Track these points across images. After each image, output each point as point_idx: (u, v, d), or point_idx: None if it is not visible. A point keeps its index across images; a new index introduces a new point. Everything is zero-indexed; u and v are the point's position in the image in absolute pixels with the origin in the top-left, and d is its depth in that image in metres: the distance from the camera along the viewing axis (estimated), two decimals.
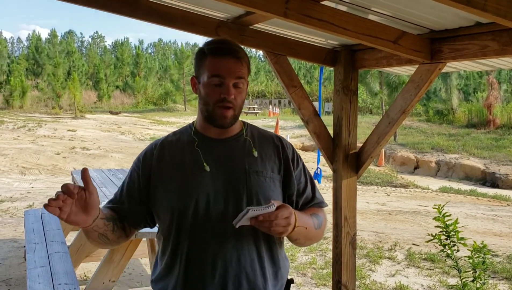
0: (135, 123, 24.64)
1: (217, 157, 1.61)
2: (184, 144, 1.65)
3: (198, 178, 1.57)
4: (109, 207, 1.68)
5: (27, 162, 13.14)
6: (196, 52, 1.64)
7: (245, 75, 1.58)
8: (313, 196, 1.74)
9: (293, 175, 1.68)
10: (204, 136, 1.65)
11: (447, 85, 21.74)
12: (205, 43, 1.62)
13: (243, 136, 1.67)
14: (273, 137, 1.72)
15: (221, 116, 1.56)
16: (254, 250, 1.59)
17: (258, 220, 1.41)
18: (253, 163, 1.62)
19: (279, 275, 1.66)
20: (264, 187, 1.60)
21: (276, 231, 1.45)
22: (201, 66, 1.59)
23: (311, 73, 48.78)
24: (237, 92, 1.56)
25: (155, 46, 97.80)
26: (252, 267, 1.58)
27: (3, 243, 5.92)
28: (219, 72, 1.54)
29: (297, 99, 2.95)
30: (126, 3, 2.52)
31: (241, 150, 1.64)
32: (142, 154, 1.70)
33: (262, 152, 1.65)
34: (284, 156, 1.68)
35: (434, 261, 5.74)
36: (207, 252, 1.54)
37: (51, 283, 3.34)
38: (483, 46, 2.15)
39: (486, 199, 10.86)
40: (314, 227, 1.65)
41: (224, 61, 1.55)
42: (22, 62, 43.04)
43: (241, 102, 1.59)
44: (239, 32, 2.69)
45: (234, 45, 1.59)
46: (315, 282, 4.98)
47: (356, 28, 2.18)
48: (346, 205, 2.94)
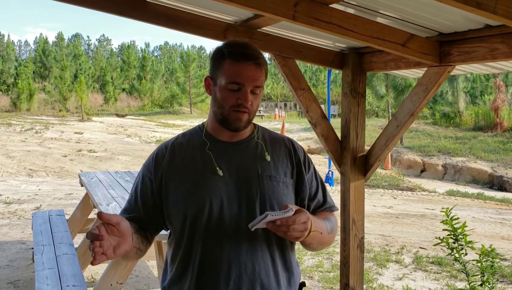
0: (141, 125, 24.71)
1: (229, 161, 1.59)
2: (195, 147, 1.62)
3: (211, 182, 1.55)
4: (128, 218, 1.61)
5: (35, 164, 13.20)
6: (214, 52, 1.59)
7: (263, 83, 1.55)
8: (325, 200, 1.72)
9: (305, 179, 1.66)
10: (215, 139, 1.62)
11: (454, 88, 21.63)
12: (225, 44, 1.58)
13: (255, 139, 1.65)
14: (285, 140, 1.70)
15: (236, 119, 1.54)
16: (268, 255, 1.56)
17: (276, 224, 1.39)
18: (266, 167, 1.60)
19: (292, 281, 1.64)
20: (277, 192, 1.58)
21: (293, 236, 1.44)
22: (219, 68, 1.55)
23: (317, 76, 48.69)
24: (254, 98, 1.54)
25: (161, 49, 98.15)
26: (266, 273, 1.55)
27: (11, 244, 5.95)
28: (239, 79, 1.51)
29: (305, 102, 2.95)
30: (134, 6, 2.54)
31: (253, 154, 1.62)
32: (152, 157, 1.65)
33: (275, 155, 1.63)
34: (296, 160, 1.67)
35: (442, 264, 5.71)
36: (221, 257, 1.52)
37: (59, 285, 3.36)
38: (492, 49, 2.14)
39: (493, 203, 10.78)
40: (327, 231, 1.63)
41: (244, 68, 1.51)
42: (29, 65, 43.25)
43: (256, 108, 1.57)
44: (247, 35, 2.70)
45: (255, 50, 1.55)
46: (322, 285, 4.96)
47: (364, 31, 2.18)
48: (354, 208, 2.93)
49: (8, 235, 6.41)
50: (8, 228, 6.81)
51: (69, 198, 9.21)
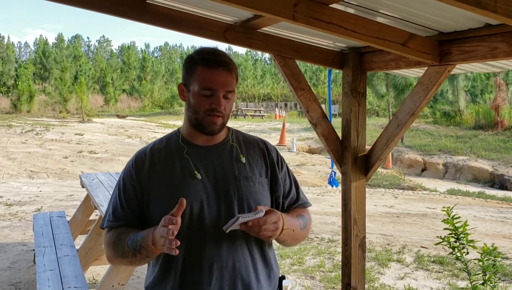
0: (142, 126, 24.72)
1: (206, 164, 1.65)
2: (173, 152, 1.67)
3: (191, 186, 1.61)
4: (117, 226, 1.65)
5: (35, 166, 13.21)
6: (186, 59, 1.67)
7: (234, 87, 1.62)
8: (298, 197, 1.80)
9: (279, 178, 1.73)
10: (191, 144, 1.68)
11: (454, 87, 21.63)
12: (196, 51, 1.65)
13: (230, 142, 1.72)
14: (258, 142, 1.78)
15: (210, 123, 1.60)
16: (248, 253, 1.63)
17: (248, 225, 1.47)
18: (242, 169, 1.67)
19: (272, 276, 1.72)
20: (254, 192, 1.65)
21: (265, 235, 1.52)
22: (191, 75, 1.61)
23: (317, 75, 48.71)
24: (226, 102, 1.61)
25: (161, 49, 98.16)
26: (246, 269, 1.62)
27: (12, 246, 5.96)
28: (211, 85, 1.57)
29: (305, 101, 2.95)
30: (134, 8, 2.53)
31: (229, 156, 1.68)
32: (131, 163, 1.68)
33: (249, 157, 1.71)
34: (270, 160, 1.74)
35: (443, 263, 5.71)
36: (203, 257, 1.57)
37: (61, 287, 3.36)
38: (492, 48, 2.14)
39: (494, 201, 10.77)
40: (300, 228, 1.71)
41: (216, 74, 1.57)
42: (29, 67, 43.27)
43: (229, 111, 1.65)
44: (247, 35, 2.70)
45: (225, 56, 1.62)
46: (324, 286, 4.96)
47: (364, 31, 2.18)
48: (355, 208, 2.93)
49: (9, 237, 6.41)
50: (9, 230, 6.81)
51: (70, 199, 9.22)
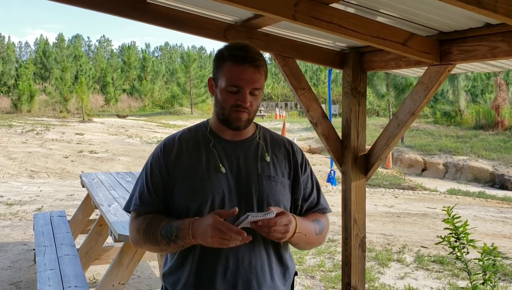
0: (142, 126, 24.73)
1: (231, 159, 1.66)
2: (200, 143, 1.68)
3: (214, 179, 1.62)
4: (145, 212, 1.67)
5: (36, 165, 13.22)
6: (216, 54, 1.65)
7: (262, 85, 1.61)
8: (318, 201, 1.79)
9: (301, 180, 1.73)
10: (218, 137, 1.69)
11: (455, 87, 21.61)
12: (226, 46, 1.63)
13: (256, 140, 1.72)
14: (285, 142, 1.77)
15: (236, 119, 1.60)
16: (264, 251, 1.64)
17: (258, 225, 1.48)
18: (265, 167, 1.67)
19: (287, 275, 1.73)
20: (275, 192, 1.66)
21: (275, 237, 1.53)
22: (219, 70, 1.61)
23: (317, 75, 48.71)
24: (253, 98, 1.60)
25: (162, 49, 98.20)
26: (261, 267, 1.63)
27: (12, 246, 5.96)
28: (237, 82, 1.57)
29: (305, 101, 2.95)
30: (134, 7, 2.54)
31: (254, 153, 1.69)
32: (160, 149, 1.70)
33: (274, 156, 1.71)
34: (294, 161, 1.74)
35: (444, 263, 5.71)
36: (220, 250, 1.58)
37: (61, 286, 3.36)
38: (492, 47, 2.14)
39: (495, 201, 10.77)
40: (315, 232, 1.70)
41: (243, 70, 1.56)
42: (30, 66, 43.30)
43: (256, 107, 1.64)
44: (247, 35, 2.70)
45: (254, 52, 1.60)
46: (324, 285, 4.96)
47: (364, 30, 2.18)
48: (355, 208, 2.93)
49: (10, 237, 6.42)
50: (10, 229, 6.81)
51: (70, 199, 9.22)
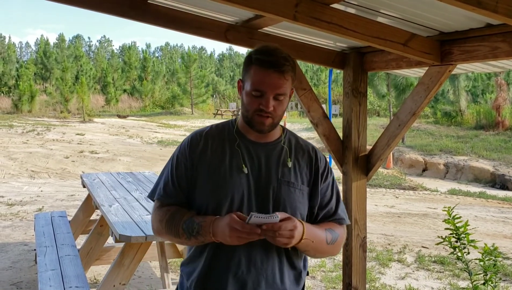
0: (143, 126, 24.73)
1: (253, 160, 1.67)
2: (226, 141, 1.70)
3: (236, 179, 1.63)
4: (169, 204, 1.69)
5: (36, 166, 13.22)
6: (246, 56, 1.67)
7: (287, 90, 1.61)
8: (335, 211, 1.77)
9: (319, 188, 1.72)
10: (244, 137, 1.70)
11: (455, 87, 21.60)
12: (255, 50, 1.64)
13: (281, 144, 1.72)
14: (310, 148, 1.77)
15: (259, 123, 1.62)
16: (276, 255, 1.65)
17: (262, 228, 1.48)
18: (286, 173, 1.68)
19: (300, 280, 1.75)
20: (292, 198, 1.66)
21: (280, 242, 1.52)
22: (247, 73, 1.62)
23: (318, 75, 48.68)
24: (277, 103, 1.60)
25: (162, 50, 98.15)
26: (272, 270, 1.65)
27: (13, 246, 5.97)
28: (261, 87, 1.57)
29: (306, 101, 2.95)
30: (135, 8, 2.54)
31: (277, 158, 1.69)
32: (186, 142, 1.71)
33: (296, 162, 1.71)
34: (315, 168, 1.73)
35: (444, 263, 5.71)
36: (234, 249, 1.60)
37: (62, 286, 3.36)
38: (493, 48, 2.14)
39: (495, 201, 10.76)
40: (325, 241, 1.68)
41: (267, 75, 1.56)
42: (30, 67, 43.28)
43: (281, 112, 1.64)
44: (248, 35, 2.71)
45: (280, 57, 1.58)
46: (325, 285, 4.96)
47: (365, 31, 2.18)
48: (356, 208, 2.93)
49: (10, 237, 6.42)
50: (11, 229, 6.82)
51: (71, 199, 9.22)
